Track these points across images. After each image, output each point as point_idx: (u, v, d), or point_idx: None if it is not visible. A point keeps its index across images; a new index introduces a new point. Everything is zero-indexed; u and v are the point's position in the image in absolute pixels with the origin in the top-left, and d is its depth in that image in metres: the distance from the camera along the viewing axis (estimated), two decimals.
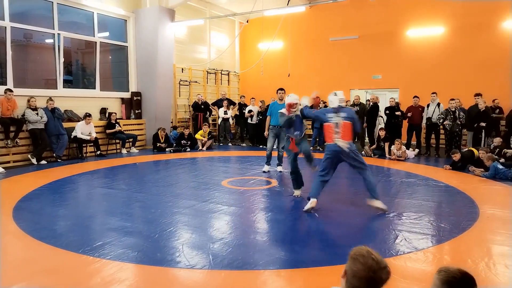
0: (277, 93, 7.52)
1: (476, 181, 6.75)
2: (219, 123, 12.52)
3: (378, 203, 4.73)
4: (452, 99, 9.40)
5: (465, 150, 9.29)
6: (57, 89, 9.35)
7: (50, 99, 8.52)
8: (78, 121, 9.22)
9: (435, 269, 1.70)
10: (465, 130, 9.77)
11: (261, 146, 11.52)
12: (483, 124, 8.97)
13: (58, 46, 9.27)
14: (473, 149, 7.79)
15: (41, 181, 6.51)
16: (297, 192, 5.62)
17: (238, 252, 3.45)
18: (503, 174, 6.79)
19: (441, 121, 9.51)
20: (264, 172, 7.40)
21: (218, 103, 12.61)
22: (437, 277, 1.58)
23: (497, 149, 8.09)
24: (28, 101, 8.14)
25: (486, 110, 9.12)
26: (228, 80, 15.23)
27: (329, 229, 4.23)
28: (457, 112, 9.29)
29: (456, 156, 7.80)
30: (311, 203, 4.71)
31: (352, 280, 1.48)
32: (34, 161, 8.16)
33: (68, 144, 8.87)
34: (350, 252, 1.54)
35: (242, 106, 12.62)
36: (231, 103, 12.75)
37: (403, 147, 9.22)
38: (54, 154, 8.57)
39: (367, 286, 1.46)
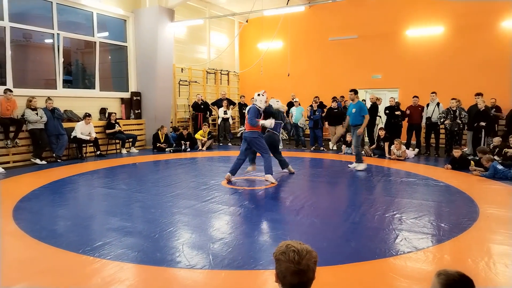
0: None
1: (475, 181, 6.75)
2: (218, 123, 12.52)
3: (270, 178, 6.44)
4: (454, 99, 9.39)
5: (465, 150, 9.30)
6: (56, 89, 9.34)
7: (49, 98, 8.51)
8: (78, 121, 9.21)
9: (435, 269, 1.71)
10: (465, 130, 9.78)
11: None
12: (483, 123, 8.97)
13: (58, 46, 9.26)
14: (472, 162, 7.80)
15: (41, 181, 6.50)
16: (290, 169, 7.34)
17: (238, 252, 3.45)
18: (503, 174, 6.80)
19: (442, 120, 9.51)
20: (350, 167, 7.92)
21: (218, 103, 12.60)
22: (436, 280, 1.58)
23: (497, 149, 8.10)
24: (30, 101, 8.13)
25: (486, 109, 9.12)
26: (228, 80, 15.23)
27: (328, 228, 4.23)
28: (458, 111, 9.28)
29: (458, 152, 7.81)
30: (228, 176, 6.47)
31: (284, 280, 1.49)
32: (38, 161, 8.19)
33: (67, 144, 8.87)
34: (273, 254, 1.54)
35: (242, 106, 12.61)
36: (231, 103, 12.75)
37: (403, 147, 9.22)
38: (54, 154, 8.57)
39: (300, 278, 1.46)
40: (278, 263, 1.50)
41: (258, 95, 6.64)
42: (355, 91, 7.93)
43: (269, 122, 6.59)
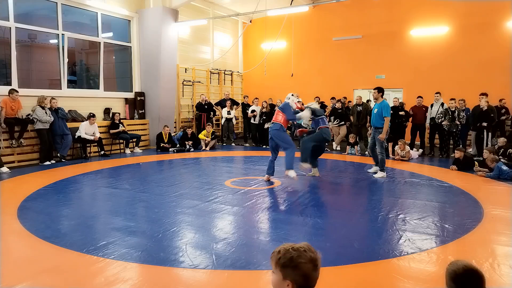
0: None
1: (480, 182, 6.71)
2: (222, 123, 12.54)
3: (291, 173, 6.18)
4: (452, 99, 9.32)
5: (469, 150, 9.25)
6: (61, 89, 9.40)
7: (53, 98, 8.55)
8: (82, 121, 9.25)
9: (439, 269, 1.71)
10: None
11: (264, 146, 11.53)
12: (484, 124, 8.92)
13: (62, 46, 9.31)
14: (476, 162, 7.75)
15: (46, 180, 6.54)
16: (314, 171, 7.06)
17: (241, 252, 3.45)
18: (508, 175, 6.75)
19: (439, 120, 9.45)
20: (368, 171, 7.45)
21: (222, 103, 12.63)
22: (446, 271, 1.65)
23: (502, 149, 8.05)
24: (42, 100, 8.13)
25: (488, 110, 9.07)
26: (232, 80, 15.25)
27: (332, 229, 4.23)
28: (456, 112, 9.21)
29: (458, 154, 7.76)
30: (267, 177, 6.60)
31: (307, 282, 1.37)
32: (47, 162, 8.30)
33: (72, 144, 8.92)
34: (282, 263, 1.39)
35: (245, 106, 12.63)
36: (234, 103, 12.76)
37: (407, 147, 9.19)
38: (59, 154, 8.61)
39: (316, 276, 1.39)
40: (298, 268, 1.37)
41: (292, 95, 6.61)
42: (379, 89, 7.09)
43: (306, 114, 6.49)
